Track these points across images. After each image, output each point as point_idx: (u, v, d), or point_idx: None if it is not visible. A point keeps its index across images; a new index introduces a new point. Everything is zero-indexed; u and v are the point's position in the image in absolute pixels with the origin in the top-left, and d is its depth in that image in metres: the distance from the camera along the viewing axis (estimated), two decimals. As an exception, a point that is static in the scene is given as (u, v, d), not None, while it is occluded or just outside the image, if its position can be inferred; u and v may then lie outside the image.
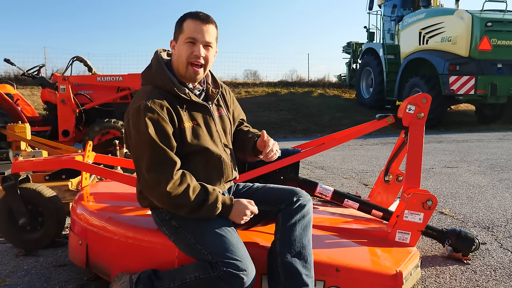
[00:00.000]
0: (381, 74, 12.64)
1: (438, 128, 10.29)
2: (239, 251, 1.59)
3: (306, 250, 1.71)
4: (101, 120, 5.70)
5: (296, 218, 1.74)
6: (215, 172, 1.79)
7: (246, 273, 1.55)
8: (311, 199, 1.85)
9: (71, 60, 6.22)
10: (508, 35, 9.98)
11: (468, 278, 2.20)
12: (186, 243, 1.69)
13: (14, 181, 2.46)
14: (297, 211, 1.76)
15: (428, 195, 2.10)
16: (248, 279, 1.56)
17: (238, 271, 1.54)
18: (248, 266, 1.57)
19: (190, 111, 1.74)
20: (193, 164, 1.73)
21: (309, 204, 1.80)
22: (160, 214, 1.78)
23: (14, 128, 4.57)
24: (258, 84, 16.30)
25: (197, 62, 1.71)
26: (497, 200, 3.73)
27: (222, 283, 1.54)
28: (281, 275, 1.67)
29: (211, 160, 1.77)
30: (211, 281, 1.56)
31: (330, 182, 4.60)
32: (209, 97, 1.86)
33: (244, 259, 1.58)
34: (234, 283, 1.54)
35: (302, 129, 11.47)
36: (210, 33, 1.70)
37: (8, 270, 2.32)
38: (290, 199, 1.78)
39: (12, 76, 13.01)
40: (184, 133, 1.70)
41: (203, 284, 1.58)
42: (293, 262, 1.67)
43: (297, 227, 1.73)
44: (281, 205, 1.79)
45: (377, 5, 13.44)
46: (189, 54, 1.69)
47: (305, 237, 1.73)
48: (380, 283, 1.73)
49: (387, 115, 2.39)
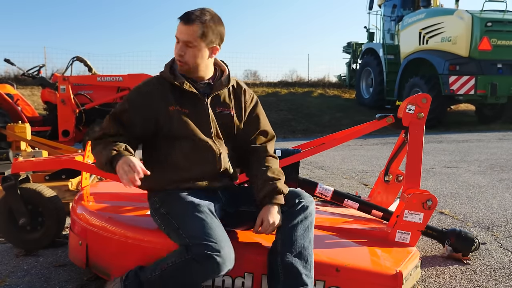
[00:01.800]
0: (381, 74, 12.64)
1: (438, 128, 10.29)
2: (215, 233, 1.59)
3: (307, 250, 1.71)
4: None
5: (298, 219, 1.75)
6: (204, 158, 1.83)
7: (220, 254, 1.54)
8: (313, 201, 1.85)
9: (71, 60, 6.22)
10: (508, 35, 9.98)
11: (468, 278, 2.20)
12: (172, 229, 1.71)
13: (14, 181, 2.45)
14: (300, 213, 1.76)
15: (428, 195, 2.10)
16: (223, 260, 1.55)
17: (211, 251, 1.54)
18: (223, 247, 1.56)
19: (182, 98, 1.85)
20: (180, 149, 1.82)
21: (311, 206, 1.80)
22: (152, 203, 1.86)
23: (14, 128, 4.57)
24: (258, 84, 16.30)
25: (179, 59, 1.83)
26: (497, 200, 3.73)
27: (196, 265, 1.55)
28: (280, 275, 1.68)
29: (198, 145, 1.82)
30: (186, 264, 1.57)
31: (330, 182, 4.60)
32: (212, 91, 1.90)
33: (220, 241, 1.58)
34: (207, 264, 1.54)
35: (302, 129, 11.47)
36: (190, 32, 1.78)
37: (8, 270, 2.32)
38: (292, 201, 1.79)
39: (12, 76, 13.00)
40: (171, 115, 1.81)
41: (180, 268, 1.59)
42: (294, 262, 1.67)
43: (299, 228, 1.74)
44: (284, 207, 1.79)
45: (377, 5, 13.43)
46: (175, 51, 1.84)
47: (307, 238, 1.74)
48: (380, 283, 1.73)
49: (387, 115, 2.39)
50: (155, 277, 1.65)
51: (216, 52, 1.87)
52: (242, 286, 1.76)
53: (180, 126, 1.81)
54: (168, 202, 1.79)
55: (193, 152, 1.82)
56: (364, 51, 13.79)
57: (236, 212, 1.91)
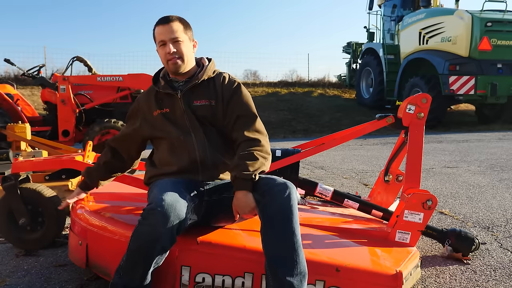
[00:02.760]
0: (381, 74, 12.65)
1: (438, 128, 10.29)
2: (166, 194, 1.60)
3: (287, 246, 1.59)
4: (101, 120, 5.70)
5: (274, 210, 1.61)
6: (180, 153, 1.90)
7: (163, 205, 1.54)
8: (293, 186, 1.67)
9: (71, 60, 6.22)
10: (508, 35, 9.99)
11: (468, 278, 2.20)
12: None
13: (14, 181, 2.46)
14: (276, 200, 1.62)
15: (428, 195, 2.10)
16: (165, 212, 1.53)
17: (155, 206, 1.55)
18: (166, 200, 1.56)
19: (163, 100, 1.97)
20: (162, 148, 1.96)
21: (290, 191, 1.63)
22: (148, 192, 1.91)
23: (14, 128, 4.57)
24: (258, 84, 16.31)
25: (172, 58, 1.88)
26: (497, 200, 3.73)
27: (143, 222, 1.57)
28: (269, 279, 1.61)
29: (175, 142, 1.91)
30: (137, 227, 1.59)
31: (330, 182, 4.60)
32: (190, 85, 1.94)
33: (167, 197, 1.57)
34: (151, 218, 1.55)
35: (302, 129, 11.48)
36: (174, 29, 1.87)
37: (8, 270, 2.32)
38: (265, 187, 1.66)
39: (12, 76, 13.01)
40: (154, 119, 1.97)
41: (134, 236, 1.60)
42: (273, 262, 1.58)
43: (275, 220, 1.61)
44: (257, 195, 1.66)
45: (377, 5, 13.45)
46: (164, 55, 1.90)
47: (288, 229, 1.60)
48: (380, 283, 1.73)
49: (387, 115, 2.39)
50: (123, 260, 1.65)
51: (196, 46, 2.00)
52: (242, 286, 1.76)
53: (160, 127, 1.95)
54: (154, 185, 1.86)
55: (171, 148, 1.92)
56: (364, 51, 13.80)
57: (219, 199, 1.88)
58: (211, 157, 1.90)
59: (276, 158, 2.39)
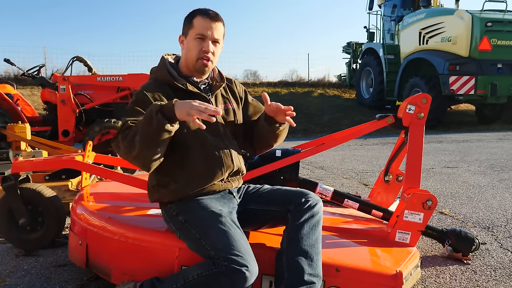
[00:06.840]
0: (381, 74, 12.64)
1: (438, 128, 10.29)
2: (241, 246, 1.58)
3: (312, 249, 1.70)
4: (101, 120, 5.69)
5: (305, 218, 1.73)
6: (213, 160, 1.78)
7: (248, 268, 1.54)
8: (320, 200, 1.83)
9: (71, 60, 6.21)
10: (508, 35, 9.98)
11: (468, 278, 2.20)
12: (191, 238, 1.69)
13: (14, 181, 2.46)
14: (306, 211, 1.75)
15: (428, 195, 2.10)
16: (250, 275, 1.55)
17: (239, 266, 1.53)
18: (249, 261, 1.56)
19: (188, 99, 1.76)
20: (191, 152, 1.76)
21: (318, 205, 1.79)
22: (168, 210, 1.80)
23: (14, 128, 4.57)
24: (258, 84, 16.30)
25: (206, 57, 1.78)
26: (497, 200, 3.73)
27: (224, 278, 1.54)
28: (285, 273, 1.67)
29: (207, 147, 1.78)
30: (213, 277, 1.56)
31: (330, 182, 4.60)
32: (212, 90, 1.89)
33: (246, 254, 1.57)
34: (236, 278, 1.53)
35: (302, 129, 11.46)
36: (219, 30, 1.79)
37: (8, 270, 2.32)
38: (298, 200, 1.78)
39: (12, 76, 13.00)
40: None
41: (206, 280, 1.57)
42: (298, 259, 1.66)
43: (305, 226, 1.72)
44: (290, 206, 1.78)
45: (377, 5, 13.44)
46: (199, 49, 1.77)
47: (313, 236, 1.72)
48: (380, 283, 1.73)
49: (387, 115, 2.39)
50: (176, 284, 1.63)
51: None
52: (242, 286, 1.75)
53: (190, 130, 1.74)
54: (187, 210, 1.74)
55: (207, 155, 1.77)
56: (364, 51, 13.79)
57: (244, 210, 1.88)
58: (240, 163, 1.90)
59: (276, 158, 2.39)
